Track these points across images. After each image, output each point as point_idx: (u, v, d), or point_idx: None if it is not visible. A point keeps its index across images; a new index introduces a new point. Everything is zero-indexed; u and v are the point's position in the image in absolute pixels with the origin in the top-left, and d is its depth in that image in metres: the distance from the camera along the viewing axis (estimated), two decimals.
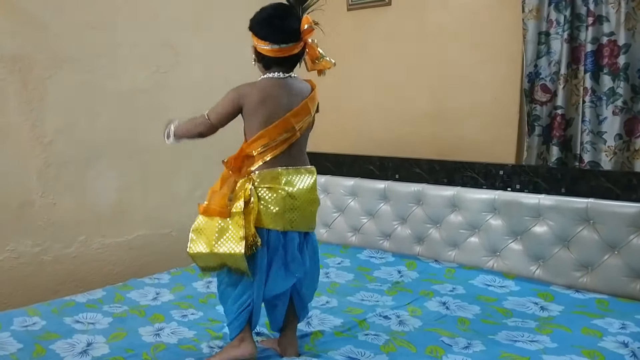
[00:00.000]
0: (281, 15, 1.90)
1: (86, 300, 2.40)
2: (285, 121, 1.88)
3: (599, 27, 2.66)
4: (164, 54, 3.07)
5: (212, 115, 1.98)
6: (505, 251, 2.72)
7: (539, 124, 2.85)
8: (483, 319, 2.22)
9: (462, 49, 3.13)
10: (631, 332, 2.08)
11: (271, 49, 1.88)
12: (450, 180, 2.94)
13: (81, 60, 2.74)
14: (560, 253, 2.57)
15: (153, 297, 2.49)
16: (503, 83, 3.01)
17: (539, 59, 2.83)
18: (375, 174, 3.22)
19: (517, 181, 2.74)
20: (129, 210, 2.98)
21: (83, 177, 2.80)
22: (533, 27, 2.82)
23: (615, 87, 2.63)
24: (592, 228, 2.49)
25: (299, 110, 1.90)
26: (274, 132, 1.88)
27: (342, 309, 2.35)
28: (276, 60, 1.91)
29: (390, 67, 3.43)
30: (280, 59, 1.90)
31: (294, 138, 1.90)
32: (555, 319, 2.22)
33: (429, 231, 2.96)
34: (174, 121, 2.07)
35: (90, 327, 2.15)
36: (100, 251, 2.89)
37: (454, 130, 3.20)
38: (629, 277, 2.41)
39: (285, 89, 1.91)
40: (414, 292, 2.51)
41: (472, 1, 3.09)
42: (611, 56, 2.64)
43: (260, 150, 1.89)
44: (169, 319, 2.25)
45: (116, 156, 2.91)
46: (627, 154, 2.66)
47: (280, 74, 1.92)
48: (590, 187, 2.54)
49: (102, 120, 2.85)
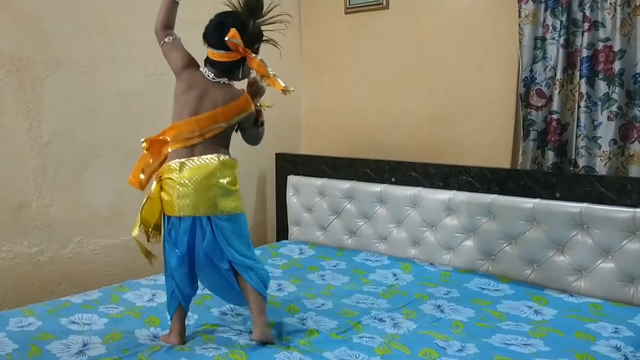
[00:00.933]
0: (217, 22, 2.06)
1: (82, 301, 2.40)
2: (188, 123, 2.01)
3: (594, 32, 2.68)
4: (161, 56, 3.06)
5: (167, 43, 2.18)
6: (500, 255, 2.74)
7: (534, 129, 2.86)
8: (477, 322, 2.23)
9: (459, 52, 3.15)
10: (624, 337, 2.09)
11: (207, 48, 2.07)
12: (446, 183, 2.96)
13: (79, 62, 2.75)
14: (554, 257, 2.58)
15: (149, 298, 2.49)
16: (499, 87, 3.03)
17: (535, 63, 2.85)
18: (372, 177, 3.23)
19: (513, 185, 2.75)
20: (125, 211, 2.98)
21: (80, 178, 2.80)
22: (529, 32, 2.83)
23: (611, 92, 2.65)
24: (586, 233, 2.51)
25: (204, 118, 2.01)
26: (182, 128, 2.02)
27: (337, 311, 2.36)
28: (208, 60, 2.08)
29: (387, 70, 3.44)
30: (211, 61, 2.06)
31: (196, 140, 2.01)
32: (548, 322, 2.24)
33: (425, 234, 2.97)
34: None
35: (86, 328, 2.15)
36: (97, 252, 2.89)
37: (450, 133, 3.22)
38: (623, 282, 2.42)
39: (204, 89, 2.04)
40: (409, 295, 2.52)
41: (469, 5, 3.11)
42: (606, 62, 2.65)
43: (171, 139, 2.04)
44: (164, 321, 2.25)
45: (113, 157, 2.91)
46: (621, 159, 2.68)
47: (210, 74, 2.06)
48: (585, 192, 2.55)
49: (100, 121, 2.85)
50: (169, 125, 2.06)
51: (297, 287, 2.65)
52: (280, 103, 3.74)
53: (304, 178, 3.44)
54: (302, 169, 3.48)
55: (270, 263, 3.01)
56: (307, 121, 3.89)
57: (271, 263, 3.01)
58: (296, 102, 3.87)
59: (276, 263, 3.02)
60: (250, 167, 3.61)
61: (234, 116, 2.06)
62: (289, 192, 3.50)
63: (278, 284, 2.69)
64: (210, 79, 2.06)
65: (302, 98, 3.89)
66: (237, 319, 2.29)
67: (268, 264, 3.00)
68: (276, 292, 2.59)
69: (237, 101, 2.06)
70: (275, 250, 3.23)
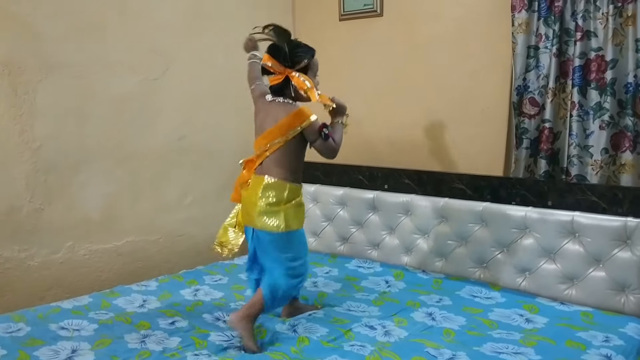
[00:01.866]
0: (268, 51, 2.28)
1: (72, 307, 2.39)
2: (256, 142, 2.28)
3: (587, 42, 2.69)
4: (154, 60, 3.07)
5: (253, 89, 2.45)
6: (492, 262, 2.74)
7: (527, 137, 2.87)
8: (468, 330, 2.23)
9: (453, 60, 3.16)
10: (614, 345, 2.09)
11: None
12: (439, 191, 2.96)
13: (71, 66, 2.74)
14: (546, 265, 2.59)
15: (140, 304, 2.48)
16: (493, 95, 3.04)
17: (528, 72, 2.86)
18: (365, 184, 3.23)
19: (505, 193, 2.76)
20: (117, 217, 2.98)
21: (72, 183, 2.79)
22: (522, 40, 2.84)
23: (602, 101, 2.66)
24: (577, 241, 2.51)
25: (266, 135, 2.24)
26: (254, 147, 2.29)
27: (329, 319, 2.35)
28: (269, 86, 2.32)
29: (381, 77, 3.45)
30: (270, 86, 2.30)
31: (264, 154, 2.24)
32: (540, 331, 2.24)
33: (417, 241, 2.98)
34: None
35: (76, 334, 2.14)
36: (88, 257, 2.88)
37: (444, 141, 3.22)
38: (613, 291, 2.43)
39: (265, 111, 2.29)
40: (401, 303, 2.52)
41: (463, 14, 3.12)
42: (598, 71, 2.66)
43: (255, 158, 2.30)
44: (154, 326, 2.24)
45: (105, 162, 2.90)
46: (613, 168, 2.69)
47: (269, 97, 2.29)
48: (577, 201, 2.56)
49: (92, 126, 2.84)
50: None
51: None
52: None
53: None
54: None
55: None
56: None
57: None
58: None
59: None
60: None
61: (288, 130, 2.20)
62: None
63: None
64: (269, 100, 2.29)
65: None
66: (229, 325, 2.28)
67: None
68: None
69: (288, 117, 2.21)
70: None
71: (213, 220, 3.43)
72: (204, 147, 3.35)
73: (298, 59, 2.22)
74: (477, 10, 3.07)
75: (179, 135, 3.21)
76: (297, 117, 2.21)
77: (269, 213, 2.19)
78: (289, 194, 2.21)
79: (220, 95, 3.39)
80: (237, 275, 2.90)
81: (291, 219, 2.21)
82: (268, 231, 2.19)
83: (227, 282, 2.81)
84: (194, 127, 3.28)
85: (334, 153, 2.29)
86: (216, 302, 2.53)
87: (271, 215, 2.18)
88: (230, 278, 2.86)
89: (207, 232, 3.40)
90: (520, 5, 2.82)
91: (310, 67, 2.27)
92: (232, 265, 3.07)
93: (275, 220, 2.18)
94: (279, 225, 2.17)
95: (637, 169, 2.63)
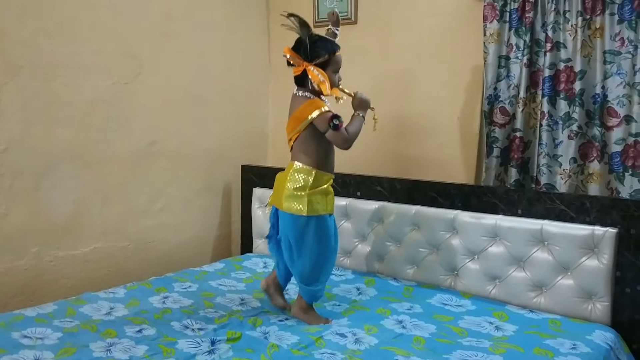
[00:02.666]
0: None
1: (36, 314, 2.33)
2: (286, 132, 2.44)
3: (556, 53, 2.73)
4: (126, 64, 3.03)
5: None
6: (462, 270, 2.75)
7: (497, 146, 2.90)
8: (438, 338, 2.23)
9: (426, 69, 3.18)
10: (581, 353, 2.11)
11: None
12: (411, 198, 2.97)
13: (39, 68, 2.69)
14: (515, 273, 2.61)
15: (107, 311, 2.43)
16: (464, 104, 3.07)
17: (499, 82, 2.89)
18: (337, 191, 3.20)
19: (476, 201, 2.78)
20: (85, 222, 2.92)
21: (38, 188, 2.73)
22: (494, 50, 2.88)
23: (571, 112, 2.70)
24: (546, 249, 2.54)
25: (288, 124, 2.41)
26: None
27: (300, 327, 2.33)
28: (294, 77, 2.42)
29: (354, 84, 3.42)
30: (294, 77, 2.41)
31: (290, 144, 2.43)
32: (509, 338, 2.25)
33: (389, 249, 2.98)
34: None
35: (39, 342, 2.09)
36: (54, 264, 2.81)
37: (416, 149, 3.24)
38: (581, 298, 2.46)
39: (292, 103, 2.43)
40: (372, 310, 2.51)
41: (436, 23, 3.15)
42: (567, 82, 2.71)
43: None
44: (121, 334, 2.20)
45: (74, 167, 2.85)
46: (581, 177, 2.73)
47: (294, 90, 2.41)
48: (546, 209, 2.59)
49: (60, 130, 2.79)
50: None
51: (260, 302, 2.62)
52: (246, 115, 3.75)
53: (269, 191, 3.35)
54: (268, 181, 3.45)
55: (234, 277, 2.98)
56: (273, 133, 3.88)
57: (234, 277, 2.98)
58: (263, 114, 3.86)
59: (239, 277, 2.98)
60: (216, 179, 3.58)
61: (302, 121, 2.33)
62: (254, 204, 3.47)
63: (241, 298, 2.65)
64: (294, 92, 2.41)
65: (270, 110, 3.88)
66: (198, 332, 2.25)
67: (231, 277, 2.97)
68: (239, 307, 2.55)
69: (301, 108, 2.34)
70: (239, 264, 3.19)
71: (183, 227, 3.41)
72: (175, 153, 3.31)
73: (316, 53, 2.32)
74: (450, 19, 3.10)
75: (150, 140, 3.16)
76: (308, 108, 2.32)
77: (294, 197, 2.32)
78: (314, 180, 2.34)
79: (192, 100, 3.36)
80: (207, 282, 2.87)
81: (316, 203, 2.33)
82: (292, 214, 2.32)
83: (197, 289, 2.77)
84: (166, 132, 3.24)
85: (346, 143, 2.35)
86: (185, 309, 2.49)
87: (294, 198, 2.32)
88: (200, 285, 2.82)
89: (178, 239, 3.37)
90: (492, 16, 2.86)
91: (330, 63, 2.36)
92: (202, 272, 3.03)
93: (299, 204, 2.31)
94: (302, 209, 2.30)
95: (604, 178, 2.67)
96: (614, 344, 2.25)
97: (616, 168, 2.62)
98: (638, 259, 2.38)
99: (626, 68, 2.58)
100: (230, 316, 2.42)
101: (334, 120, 2.29)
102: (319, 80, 2.30)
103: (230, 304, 2.58)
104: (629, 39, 2.56)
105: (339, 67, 2.42)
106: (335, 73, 2.40)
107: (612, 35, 2.60)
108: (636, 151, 2.56)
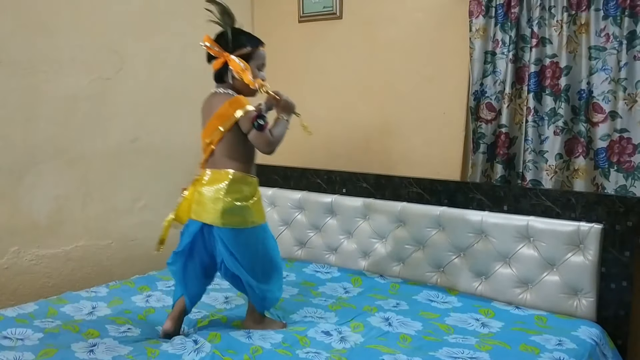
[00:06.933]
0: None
1: (16, 315, 2.29)
2: (202, 135, 2.22)
3: (542, 48, 2.73)
4: (108, 59, 2.98)
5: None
6: (449, 267, 2.74)
7: (483, 142, 2.89)
8: (425, 336, 2.22)
9: (411, 64, 3.16)
10: (567, 349, 2.11)
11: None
12: (397, 195, 2.95)
13: (18, 63, 2.63)
14: (501, 270, 2.60)
15: (89, 311, 2.40)
16: (450, 100, 3.05)
17: (485, 77, 2.88)
18: (323, 188, 3.20)
19: (462, 198, 2.77)
20: (66, 221, 2.87)
21: (18, 185, 2.68)
22: (479, 46, 2.86)
23: (557, 107, 2.70)
24: (532, 245, 2.54)
25: (206, 128, 2.20)
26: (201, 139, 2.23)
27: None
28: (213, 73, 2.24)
29: (340, 80, 3.43)
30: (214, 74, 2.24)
31: (209, 147, 2.19)
32: (495, 335, 2.24)
33: (375, 246, 2.96)
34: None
35: (19, 343, 2.05)
36: (35, 263, 2.76)
37: (402, 145, 3.22)
38: (566, 294, 2.46)
39: (208, 102, 2.24)
40: (358, 308, 2.49)
41: (422, 18, 3.13)
42: (553, 77, 2.70)
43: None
44: (104, 335, 2.16)
45: (54, 164, 2.79)
46: (567, 173, 2.73)
47: (213, 88, 2.24)
48: (532, 205, 2.59)
49: (41, 126, 2.73)
50: None
51: (244, 300, 2.58)
52: None
53: None
54: None
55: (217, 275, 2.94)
56: None
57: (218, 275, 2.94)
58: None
59: None
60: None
61: (224, 120, 2.14)
62: None
63: (225, 297, 2.63)
64: (211, 92, 2.24)
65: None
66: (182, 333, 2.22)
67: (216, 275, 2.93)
68: (223, 305, 2.53)
69: (224, 106, 2.14)
70: None
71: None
72: (157, 150, 3.26)
73: (239, 43, 2.18)
74: (436, 15, 3.08)
75: (132, 137, 3.12)
76: (232, 106, 2.14)
77: (236, 209, 2.14)
78: (252, 188, 2.21)
79: (175, 96, 3.31)
80: None
81: (257, 212, 2.20)
82: (234, 228, 2.14)
83: None
84: (148, 129, 3.19)
85: (270, 146, 2.17)
86: (168, 308, 2.44)
87: (238, 211, 2.14)
88: None
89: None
90: (478, 11, 2.85)
91: (253, 57, 2.20)
92: None
93: (242, 216, 2.15)
94: (246, 222, 2.16)
95: (589, 174, 2.67)
96: (599, 340, 2.25)
97: (601, 164, 2.62)
98: (623, 255, 2.38)
99: (611, 64, 2.58)
100: (213, 317, 2.39)
101: (258, 119, 2.11)
102: (240, 69, 2.12)
103: (214, 303, 2.56)
104: (614, 34, 2.56)
105: (263, 64, 2.25)
106: (260, 70, 2.23)
107: (598, 31, 2.60)
108: (621, 147, 2.56)
